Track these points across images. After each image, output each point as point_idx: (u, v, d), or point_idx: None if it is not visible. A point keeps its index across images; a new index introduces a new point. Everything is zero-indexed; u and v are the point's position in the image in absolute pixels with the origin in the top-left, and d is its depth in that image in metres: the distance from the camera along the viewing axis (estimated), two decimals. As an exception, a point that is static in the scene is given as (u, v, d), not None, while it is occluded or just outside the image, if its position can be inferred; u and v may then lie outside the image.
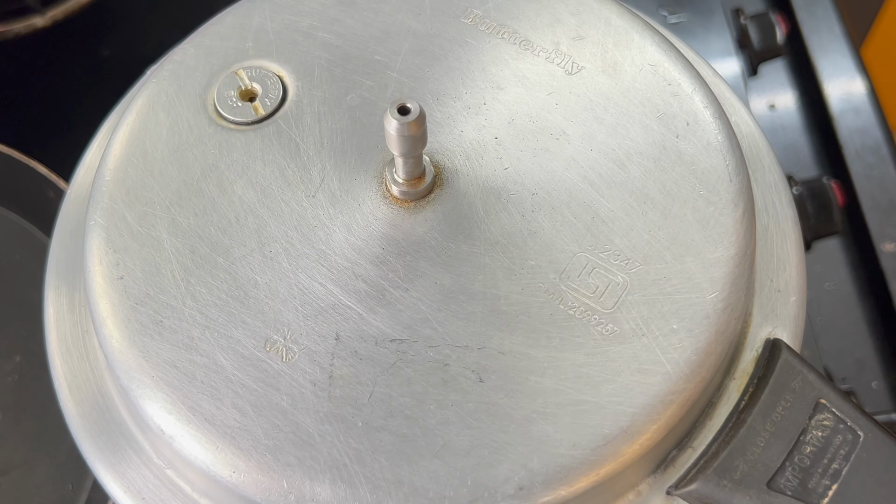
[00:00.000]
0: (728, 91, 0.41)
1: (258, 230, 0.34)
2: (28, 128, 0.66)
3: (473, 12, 0.38)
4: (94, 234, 0.35)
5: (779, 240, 0.37)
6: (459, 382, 0.32)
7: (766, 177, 0.38)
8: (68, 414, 0.37)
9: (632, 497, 0.33)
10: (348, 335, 0.33)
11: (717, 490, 0.32)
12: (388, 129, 0.31)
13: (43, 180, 0.53)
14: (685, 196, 0.34)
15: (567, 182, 0.35)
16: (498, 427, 0.31)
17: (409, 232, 0.34)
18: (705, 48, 0.70)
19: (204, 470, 0.31)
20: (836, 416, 0.32)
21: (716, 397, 0.34)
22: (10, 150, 0.55)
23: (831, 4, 0.70)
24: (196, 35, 0.39)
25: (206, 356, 0.32)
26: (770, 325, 0.35)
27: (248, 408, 0.32)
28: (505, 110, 0.36)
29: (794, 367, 0.33)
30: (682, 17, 0.68)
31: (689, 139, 0.35)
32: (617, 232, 0.34)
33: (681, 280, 0.33)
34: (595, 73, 0.37)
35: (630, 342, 0.32)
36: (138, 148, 0.36)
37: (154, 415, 0.32)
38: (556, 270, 0.33)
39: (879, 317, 0.62)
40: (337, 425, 0.31)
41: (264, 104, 0.37)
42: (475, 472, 0.30)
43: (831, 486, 0.31)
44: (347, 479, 0.30)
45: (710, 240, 0.33)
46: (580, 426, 0.31)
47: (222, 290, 0.33)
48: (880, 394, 0.60)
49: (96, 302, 0.34)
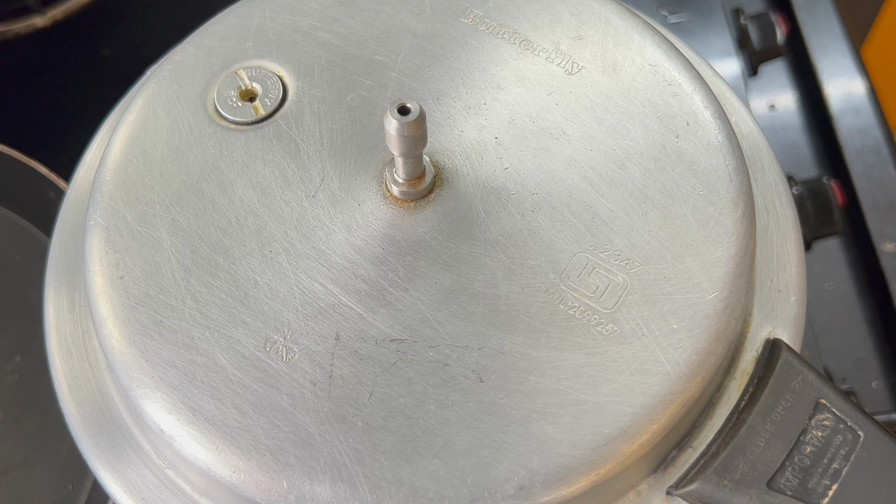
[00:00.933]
0: (728, 91, 0.41)
1: (258, 230, 0.34)
2: (28, 128, 0.66)
3: (473, 12, 0.38)
4: (94, 234, 0.35)
5: (779, 240, 0.37)
6: (459, 382, 0.32)
7: (767, 177, 0.38)
8: (68, 414, 0.37)
9: (632, 497, 0.33)
10: (348, 335, 0.33)
11: (717, 490, 0.32)
12: (388, 129, 0.31)
13: (43, 180, 0.53)
14: (685, 196, 0.34)
15: (567, 182, 0.35)
16: (498, 427, 0.31)
17: (409, 232, 0.34)
18: (705, 48, 0.70)
19: (204, 470, 0.31)
20: (837, 415, 0.32)
21: (716, 397, 0.34)
22: (10, 150, 0.55)
23: (831, 4, 0.70)
24: (196, 35, 0.39)
25: (207, 356, 0.32)
26: (770, 324, 0.35)
27: (248, 408, 0.32)
28: (505, 110, 0.36)
29: (795, 367, 0.33)
30: (683, 16, 0.67)
31: (689, 139, 0.35)
32: (617, 232, 0.34)
33: (681, 280, 0.33)
34: (595, 73, 0.37)
35: (630, 342, 0.32)
36: (138, 148, 0.36)
37: (154, 415, 0.32)
38: (556, 270, 0.33)
39: (879, 317, 0.62)
40: (337, 425, 0.31)
41: (264, 104, 0.37)
42: (475, 472, 0.30)
43: (831, 486, 0.31)
44: (347, 479, 0.30)
45: (710, 240, 0.33)
46: (580, 426, 0.31)
47: (222, 290, 0.33)
48: (880, 394, 0.60)
49: (96, 302, 0.34)
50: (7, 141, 0.56)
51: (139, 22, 0.70)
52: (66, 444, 0.49)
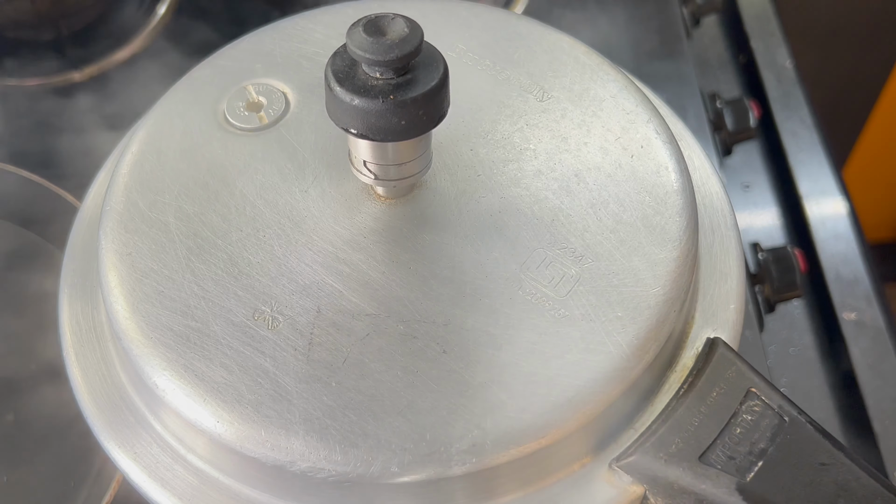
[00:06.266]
0: (685, 130, 0.45)
1: (254, 218, 0.39)
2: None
3: (458, 47, 0.43)
4: (108, 217, 0.39)
5: (722, 255, 0.41)
6: (425, 353, 0.35)
7: (714, 202, 0.43)
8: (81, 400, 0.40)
9: (577, 468, 0.36)
10: (328, 309, 0.36)
11: (654, 462, 0.35)
12: None
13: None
14: (636, 206, 0.38)
15: (532, 189, 0.39)
16: (457, 392, 0.34)
17: (390, 224, 0.38)
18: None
19: (191, 420, 0.35)
20: (765, 402, 0.36)
21: (657, 387, 0.37)
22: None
23: (801, 93, 0.75)
24: (213, 57, 0.44)
25: (201, 322, 0.36)
26: (710, 327, 0.39)
27: (235, 367, 0.35)
28: (480, 127, 0.41)
29: (729, 360, 0.37)
30: (662, 98, 0.73)
31: (642, 159, 0.40)
32: (573, 232, 0.38)
33: (628, 275, 0.37)
34: (563, 100, 0.41)
35: (579, 325, 0.36)
36: (153, 147, 0.41)
37: (151, 372, 0.36)
38: (517, 262, 0.37)
39: (840, 381, 0.65)
40: (313, 385, 0.35)
41: (268, 114, 0.41)
42: (434, 429, 0.34)
43: (757, 463, 0.35)
44: (319, 431, 0.34)
45: (656, 243, 0.37)
46: (530, 394, 0.34)
47: (219, 267, 0.37)
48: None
49: (106, 274, 0.38)
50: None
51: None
52: (68, 445, 0.53)
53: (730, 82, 0.82)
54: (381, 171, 0.37)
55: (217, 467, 0.37)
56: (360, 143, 0.36)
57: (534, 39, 0.43)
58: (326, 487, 0.34)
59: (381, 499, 0.35)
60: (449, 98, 0.34)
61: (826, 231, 0.70)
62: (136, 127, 0.43)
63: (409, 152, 0.36)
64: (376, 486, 0.34)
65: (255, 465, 0.35)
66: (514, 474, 0.35)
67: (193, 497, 0.37)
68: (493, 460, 0.34)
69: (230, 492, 0.37)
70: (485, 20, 0.44)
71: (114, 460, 0.39)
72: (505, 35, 0.44)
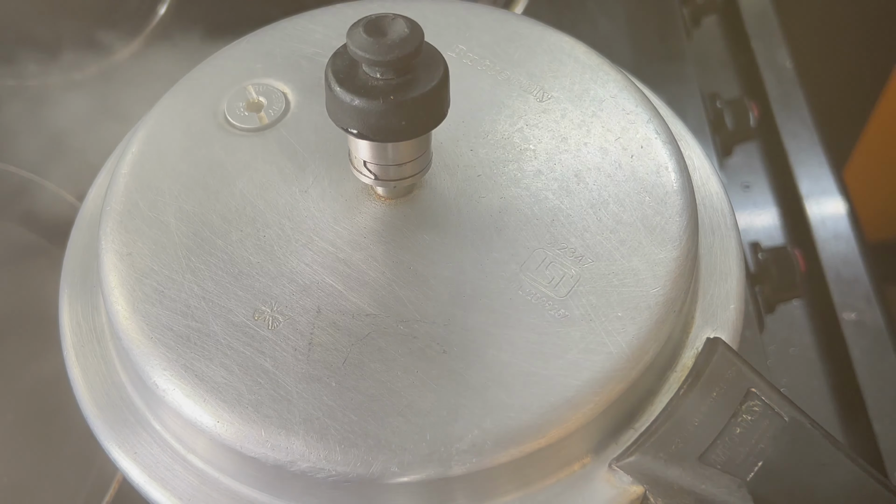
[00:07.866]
0: (685, 130, 0.45)
1: (254, 218, 0.39)
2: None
3: (459, 47, 0.43)
4: (108, 217, 0.39)
5: (722, 256, 0.41)
6: (425, 353, 0.35)
7: (714, 202, 0.43)
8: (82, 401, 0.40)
9: (577, 467, 0.36)
10: (329, 309, 0.36)
11: (654, 462, 0.35)
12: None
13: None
14: (636, 206, 0.38)
15: (532, 189, 0.39)
16: (457, 392, 0.34)
17: (390, 225, 0.38)
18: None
19: (191, 420, 0.35)
20: (765, 402, 0.36)
21: (657, 387, 0.37)
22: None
23: (802, 93, 0.75)
24: (213, 57, 0.44)
25: (201, 322, 0.36)
26: (710, 327, 0.39)
27: (235, 367, 0.35)
28: (480, 127, 0.41)
29: (729, 360, 0.37)
30: (661, 98, 0.73)
31: (642, 159, 0.40)
32: (573, 233, 0.38)
33: (628, 276, 0.37)
34: (563, 101, 0.41)
35: (579, 325, 0.36)
36: (153, 147, 0.41)
37: (151, 372, 0.36)
38: (517, 262, 0.37)
39: (840, 381, 0.65)
40: (313, 385, 0.35)
41: (269, 114, 0.41)
42: (434, 429, 0.34)
43: (757, 462, 0.35)
44: (319, 431, 0.34)
45: (656, 243, 0.37)
46: (530, 394, 0.34)
47: (219, 267, 0.37)
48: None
49: (107, 274, 0.38)
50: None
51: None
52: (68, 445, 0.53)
53: (730, 82, 0.82)
54: (381, 171, 0.37)
55: (217, 467, 0.37)
56: (360, 144, 0.36)
57: (534, 39, 0.43)
58: (326, 487, 0.34)
59: (381, 499, 0.35)
60: (449, 98, 0.35)
61: (826, 231, 0.71)
62: (136, 127, 0.43)
63: (409, 152, 0.36)
64: (376, 486, 0.34)
65: (255, 466, 0.35)
66: (514, 474, 0.35)
67: (193, 497, 0.37)
68: (493, 460, 0.34)
69: (230, 492, 0.37)
70: (485, 20, 0.44)
71: (114, 460, 0.39)
72: (505, 35, 0.44)
